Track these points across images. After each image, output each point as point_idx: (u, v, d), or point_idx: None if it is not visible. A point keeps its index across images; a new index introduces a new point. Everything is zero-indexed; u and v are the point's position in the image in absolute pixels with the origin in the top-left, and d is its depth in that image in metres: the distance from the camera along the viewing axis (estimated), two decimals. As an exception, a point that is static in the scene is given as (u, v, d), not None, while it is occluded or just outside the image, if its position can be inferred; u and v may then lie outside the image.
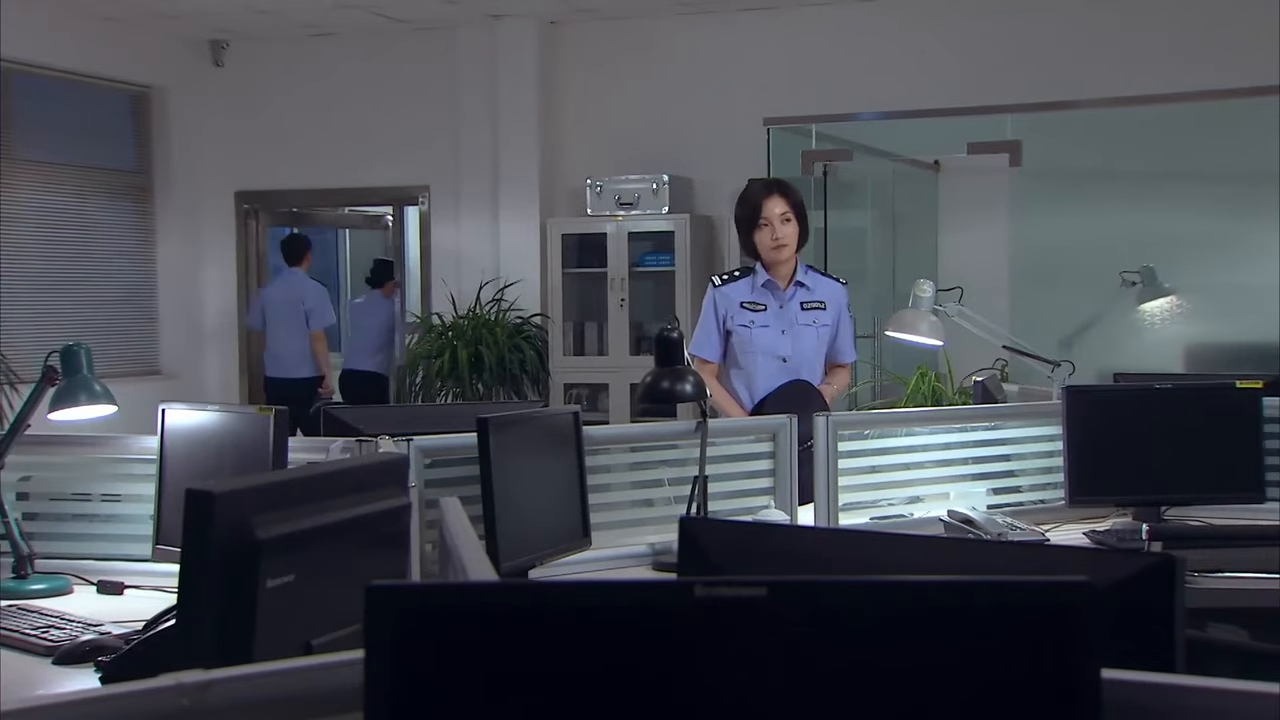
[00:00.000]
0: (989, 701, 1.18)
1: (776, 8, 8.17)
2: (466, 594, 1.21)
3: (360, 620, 2.13)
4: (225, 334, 9.59)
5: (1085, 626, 1.17)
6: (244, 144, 9.44)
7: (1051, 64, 7.40)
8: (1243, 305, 6.51)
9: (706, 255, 8.41)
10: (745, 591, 1.20)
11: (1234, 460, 4.08)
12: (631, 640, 1.20)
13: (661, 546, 3.76)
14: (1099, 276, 6.51)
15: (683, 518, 1.75)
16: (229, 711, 1.30)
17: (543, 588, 1.22)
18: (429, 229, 9.10)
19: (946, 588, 1.20)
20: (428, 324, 8.62)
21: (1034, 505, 4.31)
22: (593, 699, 1.19)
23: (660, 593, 1.22)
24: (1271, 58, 6.85)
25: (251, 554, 1.79)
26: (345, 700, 1.32)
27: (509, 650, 1.19)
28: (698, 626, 1.20)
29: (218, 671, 1.31)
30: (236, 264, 9.60)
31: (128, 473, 3.62)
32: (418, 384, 8.41)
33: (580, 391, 8.27)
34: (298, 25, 8.98)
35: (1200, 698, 1.33)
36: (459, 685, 1.19)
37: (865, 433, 4.09)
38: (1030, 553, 1.68)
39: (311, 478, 2.08)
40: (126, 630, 2.97)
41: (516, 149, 8.66)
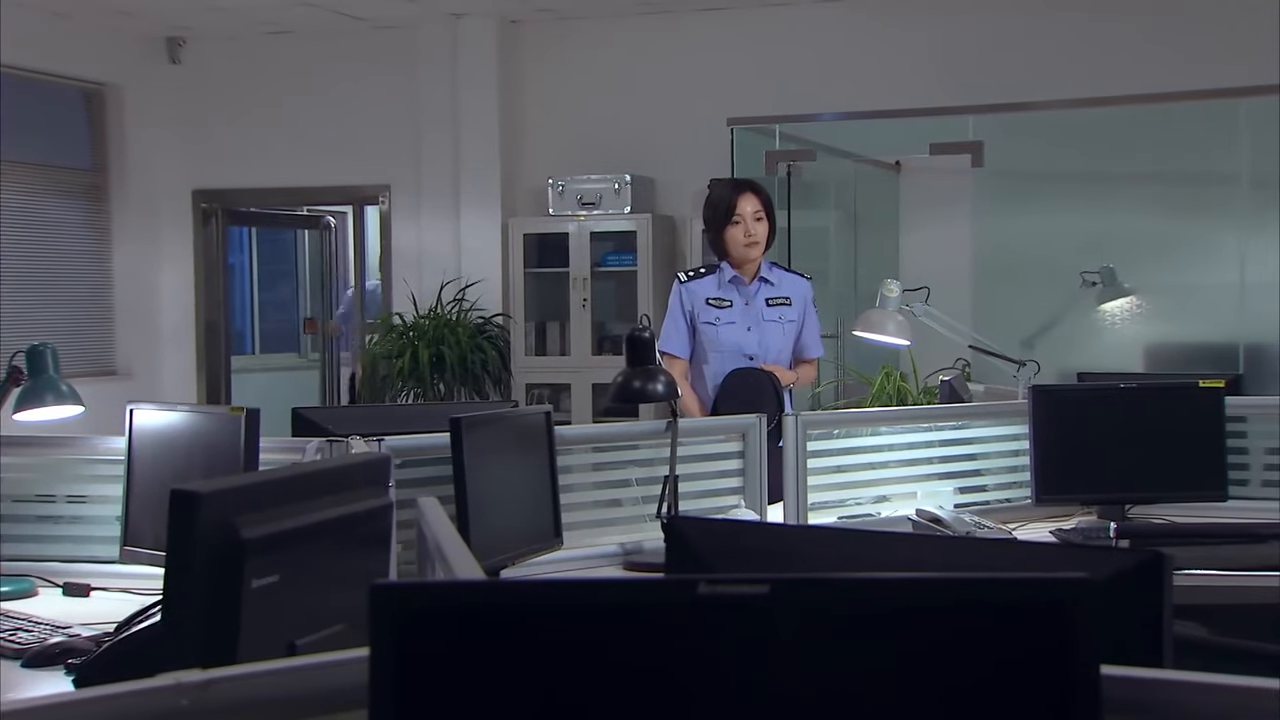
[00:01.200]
0: (990, 697, 1.19)
1: (738, 8, 8.19)
2: (470, 592, 1.20)
3: (343, 620, 2.12)
4: (183, 333, 9.51)
5: (1086, 622, 1.18)
6: (202, 143, 9.37)
7: (1013, 65, 7.45)
8: (1201, 305, 6.58)
9: (668, 255, 8.42)
10: (748, 589, 1.20)
11: (1197, 459, 4.13)
12: (635, 637, 1.20)
13: (632, 546, 3.77)
14: (1059, 276, 6.57)
15: (670, 516, 1.75)
16: (228, 711, 1.29)
17: (546, 586, 1.22)
18: (389, 228, 9.06)
19: (949, 584, 1.21)
20: (388, 324, 8.59)
21: (999, 504, 4.34)
22: (596, 696, 1.20)
23: (664, 590, 1.22)
24: (1229, 61, 6.93)
25: (237, 554, 1.78)
26: (344, 700, 1.32)
27: (513, 648, 1.19)
28: (701, 624, 1.20)
29: (217, 671, 1.30)
30: (194, 263, 9.52)
31: (93, 474, 3.59)
32: (378, 384, 8.37)
33: (542, 391, 8.26)
34: (256, 23, 8.92)
35: (1190, 693, 1.34)
36: (462, 683, 1.19)
37: (834, 432, 4.10)
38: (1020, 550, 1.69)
39: (295, 477, 2.07)
40: (96, 633, 2.95)
41: (478, 148, 8.64)
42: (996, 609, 1.18)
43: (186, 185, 9.47)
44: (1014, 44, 7.54)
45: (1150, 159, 6.65)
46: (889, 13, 7.89)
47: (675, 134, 8.30)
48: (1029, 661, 1.17)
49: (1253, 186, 6.19)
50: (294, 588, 1.91)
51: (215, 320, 9.61)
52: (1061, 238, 6.73)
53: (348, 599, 2.07)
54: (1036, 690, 1.17)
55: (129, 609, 3.23)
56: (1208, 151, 6.40)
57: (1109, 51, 7.29)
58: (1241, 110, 6.12)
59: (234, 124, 9.29)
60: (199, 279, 9.53)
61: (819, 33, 8.03)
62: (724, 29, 8.27)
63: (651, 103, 8.41)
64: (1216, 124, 6.28)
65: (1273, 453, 4.42)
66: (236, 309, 10.38)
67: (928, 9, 7.80)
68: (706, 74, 8.27)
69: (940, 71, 7.58)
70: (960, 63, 7.58)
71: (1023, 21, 7.56)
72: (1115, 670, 1.28)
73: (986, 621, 1.18)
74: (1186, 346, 6.52)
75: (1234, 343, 6.17)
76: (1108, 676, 1.24)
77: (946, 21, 7.73)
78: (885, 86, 7.54)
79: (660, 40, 8.42)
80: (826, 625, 1.20)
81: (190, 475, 3.22)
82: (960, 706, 1.19)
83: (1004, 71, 7.42)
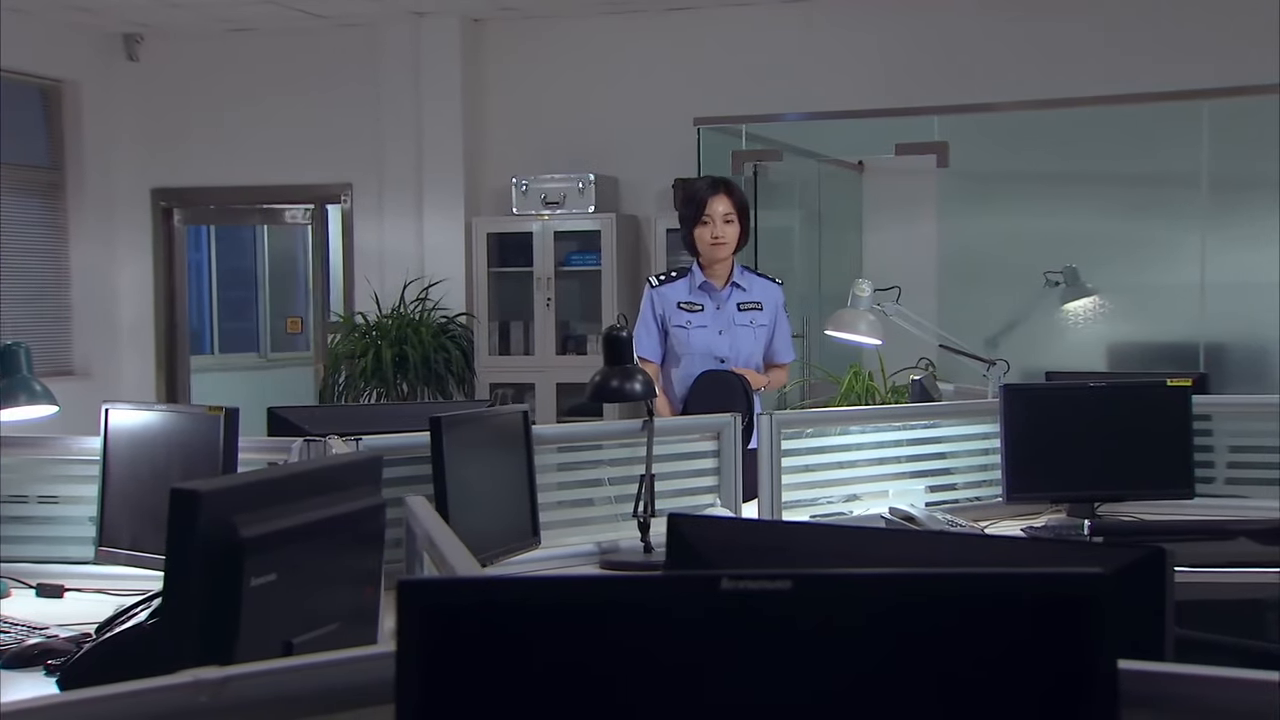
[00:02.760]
0: (1010, 690, 1.20)
1: (704, 8, 8.21)
2: (497, 588, 1.21)
3: (337, 619, 2.12)
4: (141, 332, 9.44)
5: (1104, 616, 1.20)
6: (160, 140, 9.30)
7: (978, 66, 7.50)
8: (1162, 305, 6.66)
9: (633, 255, 8.43)
10: (770, 584, 1.21)
11: (1164, 457, 4.18)
12: (659, 632, 1.21)
13: (608, 545, 3.78)
14: (1023, 276, 6.62)
15: (672, 514, 1.76)
16: (247, 707, 1.29)
17: (571, 581, 1.23)
18: (351, 227, 9.03)
19: (967, 579, 1.23)
20: (350, 323, 8.55)
21: (969, 502, 4.38)
22: (620, 690, 1.20)
23: (687, 585, 1.23)
24: (1191, 62, 7.01)
25: (236, 553, 1.78)
26: (364, 696, 1.32)
27: (537, 642, 1.20)
28: (723, 619, 1.21)
29: (236, 667, 1.30)
30: (153, 262, 9.44)
31: (66, 474, 3.56)
32: (340, 384, 8.33)
33: (506, 391, 8.24)
34: (215, 20, 8.86)
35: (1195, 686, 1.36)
36: (487, 676, 1.19)
37: (807, 431, 4.13)
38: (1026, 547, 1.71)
39: (291, 476, 2.07)
40: (74, 633, 2.93)
41: (441, 147, 8.62)
42: (1016, 604, 1.20)
43: (145, 183, 9.39)
44: (978, 45, 7.60)
45: (1113, 160, 6.71)
46: (855, 13, 7.92)
47: (640, 134, 8.31)
48: (1048, 655, 1.19)
49: (1213, 187, 6.27)
50: (290, 587, 1.91)
51: (174, 320, 9.53)
52: (1025, 238, 6.79)
53: (342, 598, 2.08)
54: (1056, 684, 1.19)
55: (104, 610, 3.21)
56: (1170, 152, 6.48)
57: (1073, 53, 7.36)
58: (1204, 111, 6.19)
59: (193, 122, 9.22)
60: (158, 278, 9.46)
61: (785, 33, 8.06)
62: (689, 29, 8.28)
63: (616, 102, 8.42)
64: (1178, 125, 6.36)
65: (1236, 450, 4.48)
66: (195, 308, 10.30)
67: (893, 10, 7.84)
68: (671, 74, 8.29)
69: (905, 72, 7.63)
70: (925, 64, 7.63)
71: (987, 23, 7.62)
72: (1122, 664, 1.29)
73: (1006, 616, 1.20)
74: (1148, 346, 6.59)
75: (1195, 342, 6.24)
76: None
77: (912, 23, 7.77)
78: (851, 87, 7.57)
79: (625, 40, 8.43)
80: (847, 620, 1.21)
81: (168, 475, 3.20)
82: (981, 700, 1.20)
83: (968, 72, 7.48)
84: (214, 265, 10.90)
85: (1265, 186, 6.55)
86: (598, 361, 8.30)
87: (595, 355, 8.24)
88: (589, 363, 8.26)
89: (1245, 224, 6.53)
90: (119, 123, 9.25)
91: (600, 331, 8.23)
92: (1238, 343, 6.40)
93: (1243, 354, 6.38)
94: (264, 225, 10.83)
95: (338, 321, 8.84)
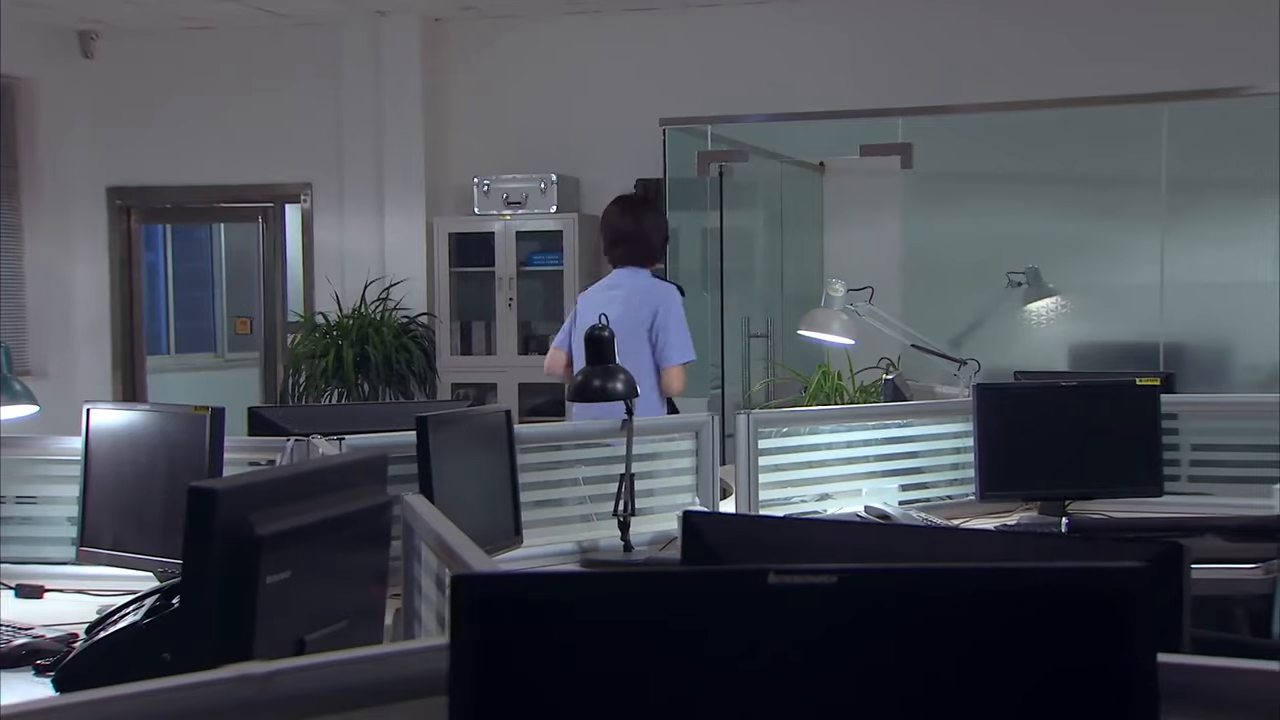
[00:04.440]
0: (1050, 682, 1.23)
1: (666, 9, 8.23)
2: (550, 582, 1.22)
3: (345, 617, 2.12)
4: (97, 332, 9.34)
5: (1141, 609, 1.22)
6: (116, 139, 9.21)
7: (940, 68, 7.57)
8: (1122, 305, 6.74)
9: (595, 255, 8.42)
10: (816, 579, 1.23)
11: (1133, 455, 4.24)
12: (706, 626, 1.23)
13: (588, 544, 3.80)
14: (986, 276, 6.68)
15: (686, 511, 1.78)
16: (292, 701, 1.29)
17: (622, 576, 1.24)
18: (311, 227, 8.98)
19: (1010, 573, 1.25)
20: (310, 323, 8.51)
21: (942, 501, 4.43)
22: (670, 683, 1.22)
23: (735, 580, 1.25)
24: (1152, 65, 7.11)
25: (252, 550, 1.78)
26: (410, 689, 1.33)
27: (588, 635, 1.22)
28: (769, 612, 1.23)
29: (280, 662, 1.31)
30: (109, 261, 9.36)
31: (44, 474, 3.54)
32: (300, 384, 8.29)
33: (468, 391, 8.22)
34: (172, 18, 8.78)
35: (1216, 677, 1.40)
36: (538, 669, 1.21)
37: (783, 430, 4.16)
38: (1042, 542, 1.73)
39: (303, 475, 2.08)
40: (61, 633, 2.92)
41: (401, 147, 8.59)
42: (1058, 597, 1.22)
43: (101, 182, 9.30)
44: (942, 47, 7.66)
45: (1075, 161, 6.79)
46: (821, 15, 7.97)
47: (602, 134, 8.32)
48: (1091, 647, 1.22)
49: (1172, 189, 6.36)
50: (303, 584, 1.91)
51: (131, 320, 9.45)
52: (988, 238, 6.86)
53: (350, 596, 2.08)
54: (1098, 676, 1.22)
55: (86, 610, 3.21)
56: (1130, 154, 6.56)
57: (1036, 55, 7.44)
58: (1164, 114, 6.28)
59: (150, 120, 9.14)
60: (114, 277, 9.37)
61: (750, 35, 8.08)
62: (652, 29, 8.30)
63: (577, 102, 8.42)
64: (1139, 128, 6.44)
65: (1199, 449, 4.56)
66: (151, 308, 10.20)
67: (858, 12, 7.88)
68: (633, 74, 8.30)
69: (870, 74, 7.68)
70: (889, 65, 7.69)
71: (951, 25, 7.68)
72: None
73: (1049, 609, 1.22)
74: (1109, 345, 6.68)
75: (1155, 341, 6.33)
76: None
77: (876, 25, 7.82)
78: (816, 88, 7.61)
79: (586, 40, 8.44)
80: (891, 614, 1.24)
81: (152, 476, 3.20)
82: (1020, 693, 1.23)
83: (932, 74, 7.54)
84: (170, 265, 10.81)
85: (1223, 188, 6.65)
86: (561, 362, 8.29)
87: (558, 355, 8.24)
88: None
89: (1203, 225, 6.63)
90: (74, 121, 9.16)
91: (562, 332, 8.26)
92: (1196, 342, 6.50)
93: (1201, 353, 6.47)
94: (221, 225, 10.74)
95: (297, 321, 8.79)
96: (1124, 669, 1.21)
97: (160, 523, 3.15)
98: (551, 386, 8.15)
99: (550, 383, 8.15)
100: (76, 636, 2.89)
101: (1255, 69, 6.70)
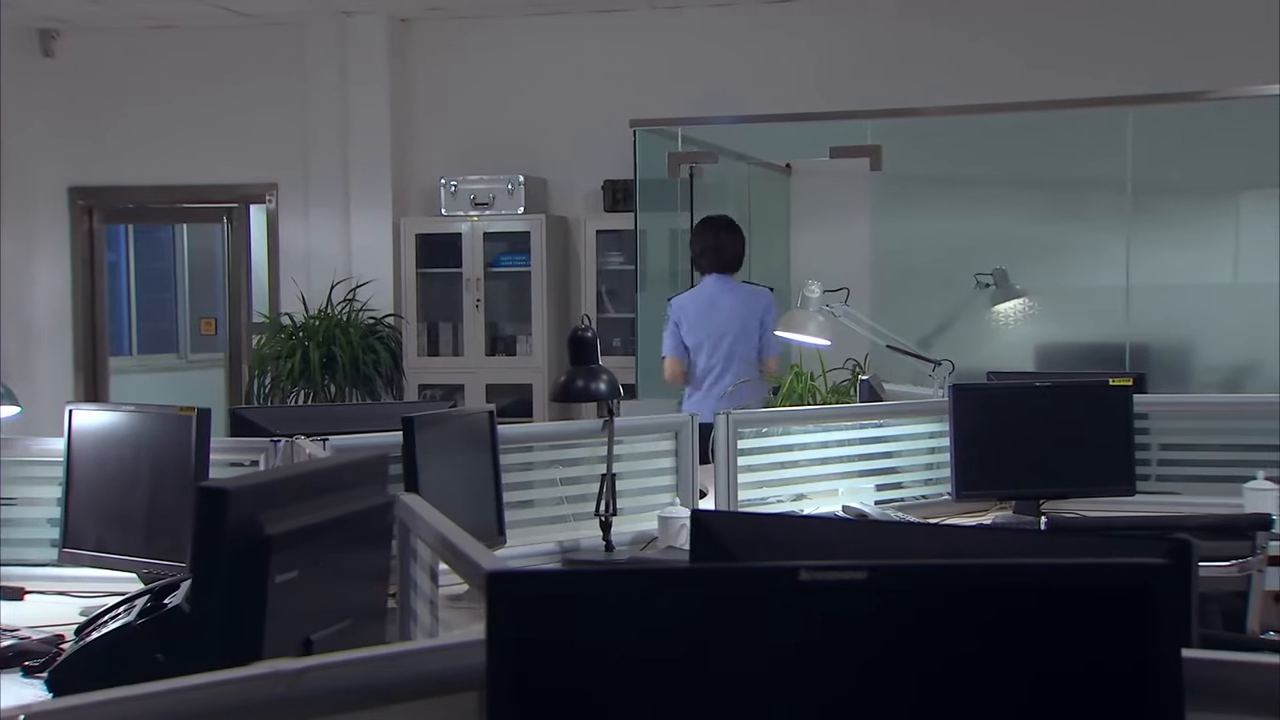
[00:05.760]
0: (1076, 677, 1.25)
1: (633, 10, 8.24)
2: (584, 580, 1.24)
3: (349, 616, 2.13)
4: (59, 333, 9.27)
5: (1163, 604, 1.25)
6: (79, 138, 9.13)
7: (909, 72, 7.62)
8: (1088, 307, 6.81)
9: (562, 256, 8.45)
10: (847, 575, 1.25)
11: (1107, 454, 4.29)
12: (739, 621, 1.24)
13: (569, 544, 3.81)
14: (954, 278, 6.73)
15: (695, 510, 1.80)
16: (323, 698, 1.30)
17: (654, 573, 1.26)
18: (277, 227, 8.94)
19: (1037, 569, 1.28)
20: (276, 324, 8.47)
21: (916, 500, 4.46)
22: (703, 678, 1.24)
23: (767, 577, 1.26)
24: (1115, 70, 7.19)
25: (262, 550, 1.78)
26: (441, 684, 1.34)
27: (621, 631, 1.23)
28: (801, 608, 1.25)
29: (312, 659, 1.32)
30: (71, 262, 9.28)
31: (24, 475, 3.52)
32: (266, 385, 8.25)
33: (435, 392, 8.21)
34: (135, 17, 8.72)
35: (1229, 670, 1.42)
36: (573, 664, 1.22)
37: (763, 430, 4.18)
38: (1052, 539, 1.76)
39: (309, 474, 2.08)
40: (47, 635, 2.90)
41: (368, 147, 8.57)
42: (1084, 593, 1.25)
43: (62, 182, 9.23)
44: (911, 51, 7.72)
45: (1042, 164, 6.85)
46: (791, 19, 8.00)
47: (569, 135, 8.33)
48: (1116, 642, 1.24)
49: (1137, 192, 6.43)
50: (309, 583, 1.92)
51: (93, 320, 9.38)
52: (956, 240, 6.91)
53: (354, 595, 2.09)
54: (1122, 670, 1.24)
55: (68, 612, 3.19)
56: (1096, 157, 6.62)
57: (1003, 60, 7.51)
58: (1128, 118, 6.35)
59: (113, 120, 9.07)
60: (76, 278, 9.30)
61: (720, 37, 8.11)
62: (618, 31, 8.32)
63: (544, 104, 8.42)
64: (1104, 131, 6.51)
65: (1167, 448, 4.61)
66: (113, 309, 10.12)
67: (828, 16, 7.93)
68: (599, 75, 8.31)
69: (839, 77, 7.73)
70: (858, 68, 7.73)
71: (920, 29, 7.74)
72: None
73: (1075, 605, 1.25)
74: (1075, 346, 6.74)
75: (1120, 343, 6.40)
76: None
77: (845, 28, 7.87)
78: (786, 91, 7.65)
79: (553, 41, 8.44)
80: (920, 608, 1.26)
81: (137, 477, 3.18)
82: (1047, 687, 1.25)
83: (901, 77, 7.59)
84: (132, 265, 10.73)
85: (1186, 191, 6.73)
86: (528, 363, 8.32)
87: (525, 356, 8.26)
88: (519, 364, 8.28)
89: (1167, 228, 6.71)
90: (35, 120, 9.08)
91: (529, 333, 8.27)
92: (1160, 343, 6.57)
93: (1165, 354, 6.55)
94: (184, 225, 10.67)
95: (262, 322, 8.74)
96: (1150, 663, 1.24)
97: (144, 524, 3.14)
98: (519, 387, 8.18)
99: (518, 383, 8.20)
100: (63, 638, 2.88)
101: (1218, 73, 6.80)
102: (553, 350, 8.22)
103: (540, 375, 8.17)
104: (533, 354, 8.24)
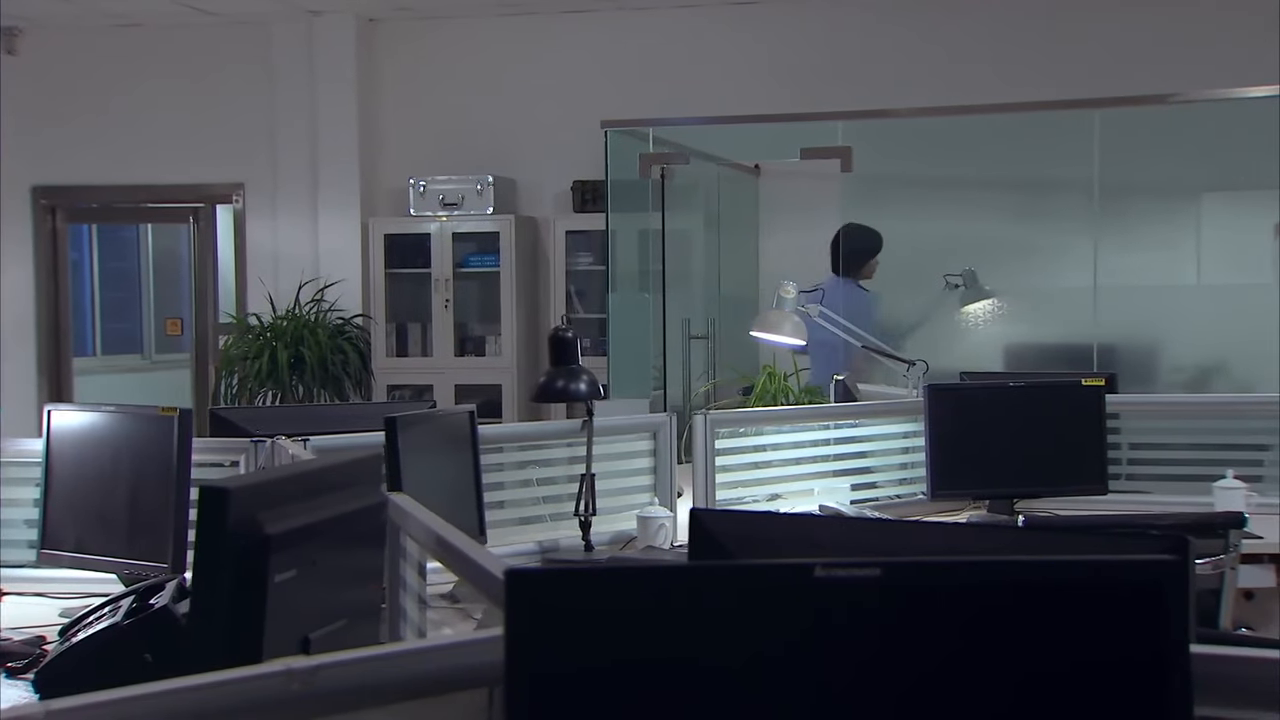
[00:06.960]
0: (1089, 671, 1.27)
1: (602, 10, 8.25)
2: (601, 577, 1.24)
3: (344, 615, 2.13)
4: (21, 334, 9.18)
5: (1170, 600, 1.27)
6: (42, 137, 9.05)
7: (879, 73, 7.67)
8: (1056, 307, 6.85)
9: (531, 256, 8.44)
10: (860, 572, 1.26)
11: (1079, 454, 4.33)
12: (754, 618, 1.26)
13: (548, 544, 3.82)
14: (923, 279, 6.77)
15: (694, 509, 1.81)
16: (338, 695, 1.31)
17: (671, 571, 1.26)
18: (244, 227, 8.89)
19: (1048, 566, 1.29)
20: (243, 325, 8.43)
21: (891, 500, 4.49)
22: (719, 673, 1.25)
23: (782, 574, 1.27)
24: (1083, 72, 7.26)
25: (262, 549, 1.78)
26: (454, 681, 1.34)
27: (638, 628, 1.24)
28: (815, 604, 1.26)
29: (325, 656, 1.32)
30: (34, 262, 9.21)
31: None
32: (234, 386, 8.21)
33: (404, 393, 8.20)
34: (100, 15, 8.66)
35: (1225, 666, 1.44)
36: (591, 661, 1.23)
37: (740, 430, 4.20)
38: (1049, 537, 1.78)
39: (306, 474, 2.08)
40: (27, 636, 2.89)
41: (335, 147, 8.54)
42: (1095, 589, 1.27)
43: (25, 181, 9.15)
44: (879, 53, 7.76)
45: (1010, 165, 6.89)
46: (761, 19, 8.03)
47: (538, 135, 8.33)
48: (1126, 637, 1.26)
49: (1104, 193, 6.48)
50: (307, 583, 1.92)
51: (57, 321, 9.30)
52: (925, 241, 6.94)
53: (349, 594, 2.09)
54: (1133, 664, 1.26)
55: (47, 613, 3.18)
56: (1063, 160, 6.67)
57: (972, 61, 7.57)
58: (1095, 120, 6.39)
59: (77, 119, 9.00)
60: (39, 278, 9.22)
61: (690, 38, 8.13)
62: (588, 32, 8.32)
63: (513, 104, 8.42)
64: (1071, 133, 6.55)
65: (1136, 448, 4.66)
66: (76, 309, 10.03)
67: (798, 17, 7.96)
68: (569, 76, 8.31)
69: (809, 78, 7.76)
70: (829, 69, 7.77)
71: (890, 29, 7.79)
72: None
73: (1085, 600, 1.26)
74: (1044, 347, 6.79)
75: (1088, 343, 6.44)
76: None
77: (816, 29, 7.90)
78: (757, 92, 7.68)
79: (522, 41, 8.44)
80: (933, 604, 1.27)
81: (116, 478, 3.17)
82: (1059, 681, 1.27)
83: (870, 78, 7.63)
84: (96, 265, 10.65)
85: (1153, 193, 6.80)
86: (497, 363, 8.31)
87: (494, 357, 8.25)
88: (488, 364, 8.27)
89: (1134, 229, 6.77)
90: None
91: (498, 333, 8.26)
92: (1127, 344, 6.62)
93: (1132, 354, 6.60)
94: (149, 225, 10.60)
95: (229, 323, 8.70)
96: (1160, 658, 1.26)
97: (125, 525, 3.13)
98: (488, 388, 8.16)
99: (488, 384, 8.18)
100: (44, 639, 2.86)
101: (1183, 76, 6.88)
102: (522, 351, 8.22)
103: (510, 376, 8.17)
104: (502, 354, 8.23)
